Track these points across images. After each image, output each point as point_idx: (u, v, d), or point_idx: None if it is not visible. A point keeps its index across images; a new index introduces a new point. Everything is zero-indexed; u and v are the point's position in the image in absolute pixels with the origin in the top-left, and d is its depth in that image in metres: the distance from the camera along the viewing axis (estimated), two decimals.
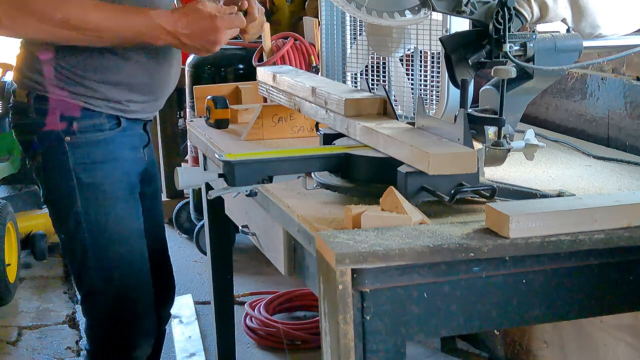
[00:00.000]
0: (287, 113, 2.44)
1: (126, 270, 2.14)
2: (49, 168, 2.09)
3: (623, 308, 1.66)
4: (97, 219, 2.09)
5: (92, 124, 2.08)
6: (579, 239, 1.46)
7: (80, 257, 2.12)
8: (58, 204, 2.12)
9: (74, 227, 2.10)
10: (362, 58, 2.58)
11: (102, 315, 2.17)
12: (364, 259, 1.38)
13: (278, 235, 1.94)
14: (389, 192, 1.53)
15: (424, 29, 2.35)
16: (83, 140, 2.07)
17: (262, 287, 3.99)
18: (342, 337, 1.39)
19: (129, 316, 2.17)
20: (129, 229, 2.14)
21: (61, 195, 2.10)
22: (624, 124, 2.31)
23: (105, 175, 2.10)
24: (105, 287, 2.14)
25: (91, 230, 2.09)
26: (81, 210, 2.08)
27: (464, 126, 1.66)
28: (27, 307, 3.98)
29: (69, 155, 2.06)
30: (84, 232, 2.09)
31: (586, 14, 1.92)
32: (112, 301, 2.15)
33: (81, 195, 2.08)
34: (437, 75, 2.40)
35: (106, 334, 2.19)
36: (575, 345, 2.64)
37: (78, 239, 2.11)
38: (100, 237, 2.10)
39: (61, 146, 2.06)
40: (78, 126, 2.06)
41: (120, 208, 2.12)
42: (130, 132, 2.15)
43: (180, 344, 3.44)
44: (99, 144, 2.09)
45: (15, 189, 4.69)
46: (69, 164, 2.06)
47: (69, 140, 2.06)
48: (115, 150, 2.11)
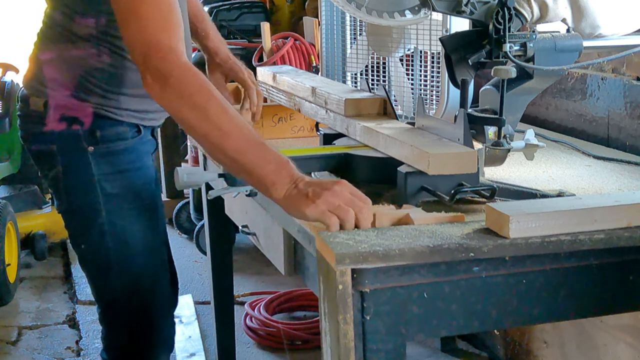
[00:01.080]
0: (287, 113, 2.44)
1: (149, 280, 2.10)
2: (70, 179, 2.02)
3: (623, 308, 1.66)
4: (123, 230, 2.03)
5: (115, 132, 2.02)
6: (579, 239, 1.46)
7: (104, 268, 2.07)
8: (80, 215, 2.05)
9: (98, 238, 2.03)
10: (362, 58, 2.58)
11: (124, 325, 2.13)
12: (364, 259, 1.38)
13: (278, 235, 1.93)
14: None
15: (424, 29, 2.35)
16: (106, 149, 2.01)
17: (262, 287, 3.99)
18: (342, 337, 1.39)
19: (151, 326, 2.13)
20: (152, 239, 2.10)
21: (84, 206, 2.03)
22: (624, 124, 2.31)
23: (130, 185, 2.05)
24: (128, 298, 2.09)
25: (116, 242, 2.04)
26: (106, 221, 2.02)
27: (464, 126, 1.67)
28: (27, 307, 3.98)
29: (92, 165, 2.00)
30: (108, 243, 2.03)
31: (586, 14, 1.92)
32: (135, 311, 2.11)
33: (106, 206, 2.01)
34: (437, 75, 2.40)
35: (126, 343, 2.15)
36: (575, 345, 2.64)
37: (102, 250, 2.04)
38: (124, 249, 2.05)
39: (84, 157, 1.99)
40: (101, 135, 2.01)
41: (144, 218, 2.07)
42: (146, 139, 2.11)
43: (180, 344, 3.44)
44: (121, 153, 2.03)
45: (15, 189, 4.69)
46: (92, 175, 2.00)
47: (92, 150, 2.00)
48: (137, 159, 2.07)
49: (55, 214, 2.18)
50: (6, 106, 4.48)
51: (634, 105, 2.28)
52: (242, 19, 4.36)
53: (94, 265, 2.10)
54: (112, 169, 2.01)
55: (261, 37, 3.77)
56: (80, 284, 4.16)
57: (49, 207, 4.61)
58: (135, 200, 2.04)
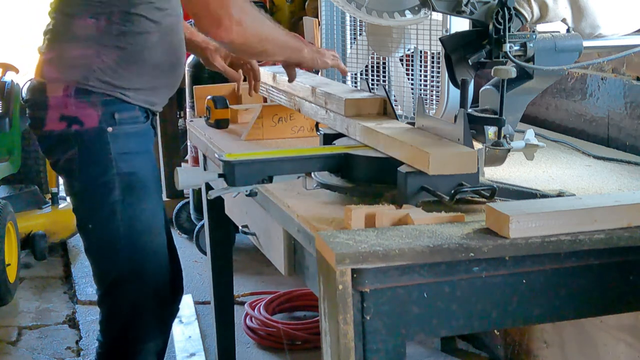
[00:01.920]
0: (287, 113, 2.44)
1: (153, 261, 2.19)
2: (86, 159, 2.12)
3: (623, 308, 1.66)
4: (133, 208, 2.14)
5: (130, 116, 2.14)
6: (579, 239, 1.46)
7: (112, 247, 2.15)
8: (93, 193, 2.14)
9: (109, 216, 2.13)
10: (362, 58, 2.58)
11: (125, 305, 2.21)
12: (364, 259, 1.38)
13: (278, 235, 1.94)
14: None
15: (424, 29, 2.35)
16: (122, 131, 2.13)
17: (262, 287, 3.98)
18: (342, 337, 1.39)
19: (151, 307, 2.21)
20: (157, 221, 2.21)
21: (99, 185, 2.12)
22: (624, 124, 2.31)
23: (141, 167, 2.16)
24: (133, 278, 2.17)
25: (126, 220, 2.13)
26: (118, 199, 2.12)
27: (464, 126, 1.66)
28: (27, 307, 3.98)
29: (111, 145, 2.11)
30: (119, 221, 2.13)
31: (586, 14, 1.92)
32: (137, 292, 2.19)
33: (121, 184, 2.12)
34: (437, 75, 2.40)
35: (124, 325, 2.22)
36: (575, 345, 2.64)
37: (111, 228, 2.14)
38: (133, 227, 2.15)
39: (103, 137, 2.11)
40: (119, 117, 2.12)
41: (152, 199, 2.18)
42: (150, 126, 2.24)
43: (180, 344, 3.44)
44: (134, 136, 2.15)
45: (15, 189, 4.69)
46: (110, 154, 2.11)
47: (111, 130, 2.11)
48: (146, 143, 2.20)
49: (56, 213, 2.22)
50: (6, 106, 4.47)
51: (634, 105, 2.28)
52: None
53: (101, 244, 2.17)
54: (128, 149, 2.13)
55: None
56: (80, 284, 4.16)
57: (49, 207, 4.60)
58: (145, 180, 2.16)
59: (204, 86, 3.01)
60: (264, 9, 4.51)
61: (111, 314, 2.24)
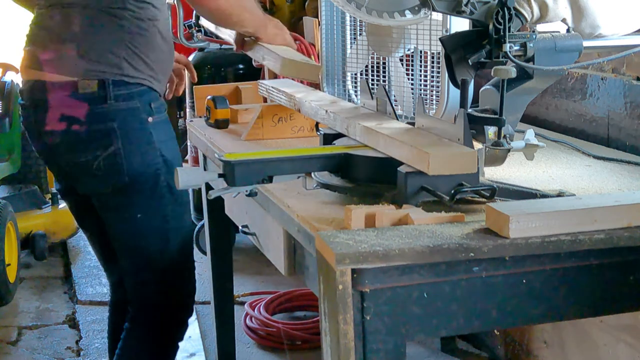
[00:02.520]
0: (287, 113, 2.44)
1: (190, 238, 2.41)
2: (132, 150, 2.16)
3: (623, 308, 1.66)
4: (176, 191, 2.23)
5: (160, 104, 2.23)
6: (579, 239, 1.46)
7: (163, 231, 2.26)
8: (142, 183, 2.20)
9: (158, 202, 2.23)
10: (362, 58, 2.58)
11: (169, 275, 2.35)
12: (364, 259, 1.38)
13: (278, 235, 1.94)
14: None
15: (424, 29, 2.34)
16: (159, 120, 2.21)
17: (262, 287, 3.98)
18: (342, 337, 1.39)
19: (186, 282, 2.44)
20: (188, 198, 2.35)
21: (147, 174, 2.19)
22: (624, 124, 2.31)
23: (175, 150, 2.28)
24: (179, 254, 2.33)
25: (172, 202, 2.24)
26: (164, 184, 2.21)
27: (464, 126, 1.66)
28: (27, 307, 3.98)
29: (153, 134, 2.18)
30: (167, 205, 2.23)
31: (586, 14, 1.92)
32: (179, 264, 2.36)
33: (164, 170, 2.20)
34: (437, 75, 2.40)
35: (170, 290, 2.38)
36: (575, 345, 2.64)
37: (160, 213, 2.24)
38: (179, 208, 2.28)
39: (146, 127, 2.17)
40: (154, 106, 2.19)
41: None
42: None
43: (180, 344, 3.43)
44: (166, 123, 2.25)
45: (15, 189, 4.69)
46: (154, 142, 2.18)
47: (151, 120, 2.18)
48: (172, 129, 2.29)
49: (56, 213, 2.24)
50: (6, 106, 4.47)
51: (634, 105, 2.28)
52: None
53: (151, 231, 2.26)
54: (166, 137, 2.24)
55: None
56: (80, 284, 4.16)
57: (49, 207, 4.60)
58: (178, 164, 2.29)
59: (204, 86, 3.02)
60: (264, 9, 4.51)
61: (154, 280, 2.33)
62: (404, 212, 1.53)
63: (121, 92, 2.09)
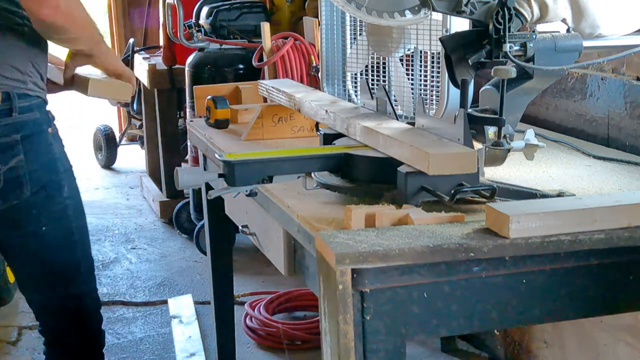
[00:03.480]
0: (287, 113, 2.44)
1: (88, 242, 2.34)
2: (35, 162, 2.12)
3: (623, 308, 1.66)
4: (77, 200, 2.26)
5: (52, 115, 2.21)
6: (579, 239, 1.46)
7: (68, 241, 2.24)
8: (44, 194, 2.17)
9: (62, 213, 2.21)
10: (362, 58, 2.58)
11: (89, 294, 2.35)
12: (364, 259, 1.38)
13: (278, 235, 1.93)
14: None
15: (424, 29, 2.34)
16: (55, 129, 2.20)
17: (262, 287, 3.99)
18: (342, 337, 1.39)
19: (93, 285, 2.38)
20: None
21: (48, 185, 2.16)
22: (624, 124, 2.31)
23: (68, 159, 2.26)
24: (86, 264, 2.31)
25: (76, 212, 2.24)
26: (68, 195, 2.21)
27: (464, 126, 1.66)
28: (27, 307, 3.94)
29: (53, 145, 2.17)
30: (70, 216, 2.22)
31: (586, 14, 1.92)
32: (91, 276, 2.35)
33: (66, 181, 2.20)
34: (437, 75, 2.40)
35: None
36: (575, 345, 2.64)
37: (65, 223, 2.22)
38: (81, 217, 2.27)
39: (46, 138, 2.15)
40: (51, 117, 2.19)
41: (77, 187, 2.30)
42: None
43: (180, 344, 3.44)
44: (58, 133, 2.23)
45: None
46: (54, 153, 2.17)
47: (51, 131, 2.17)
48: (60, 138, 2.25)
49: None
50: None
51: (634, 105, 2.28)
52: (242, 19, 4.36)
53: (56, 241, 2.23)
54: (62, 146, 2.22)
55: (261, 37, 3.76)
56: None
57: None
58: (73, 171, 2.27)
59: (204, 86, 3.02)
60: (264, 9, 4.51)
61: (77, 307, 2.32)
62: (404, 212, 1.53)
63: (25, 104, 2.08)
